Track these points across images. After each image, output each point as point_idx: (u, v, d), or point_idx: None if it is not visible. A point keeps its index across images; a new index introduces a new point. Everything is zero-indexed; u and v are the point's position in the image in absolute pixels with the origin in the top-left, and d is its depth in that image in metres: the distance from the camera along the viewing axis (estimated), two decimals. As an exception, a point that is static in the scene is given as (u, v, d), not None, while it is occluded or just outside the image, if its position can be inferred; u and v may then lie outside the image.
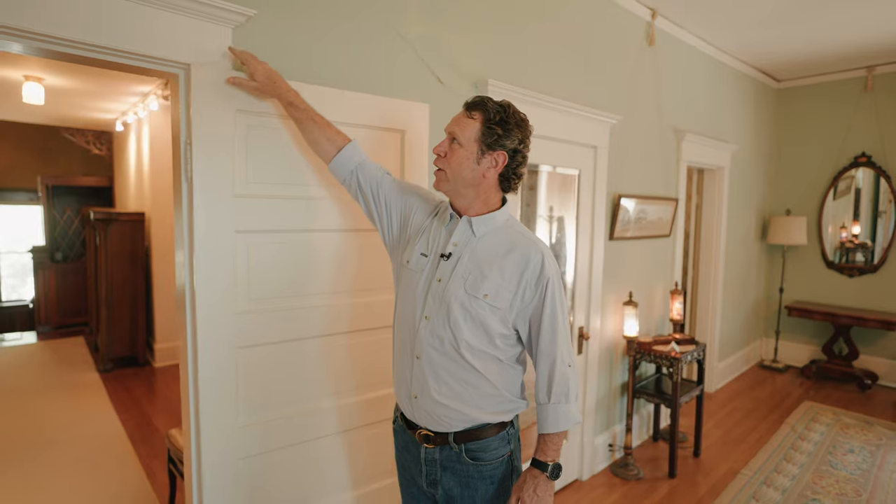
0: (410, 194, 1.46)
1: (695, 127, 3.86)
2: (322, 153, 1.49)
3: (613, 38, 3.02)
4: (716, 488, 2.99)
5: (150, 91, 4.23)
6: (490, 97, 1.30)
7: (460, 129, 1.27)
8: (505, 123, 1.26)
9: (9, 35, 1.21)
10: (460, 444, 1.31)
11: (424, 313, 1.30)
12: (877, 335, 4.73)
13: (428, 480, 1.37)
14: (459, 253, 1.30)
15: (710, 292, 4.39)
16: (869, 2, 3.19)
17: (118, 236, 4.81)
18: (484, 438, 1.31)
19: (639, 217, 3.31)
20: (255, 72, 1.43)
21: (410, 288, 1.35)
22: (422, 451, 1.36)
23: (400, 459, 1.49)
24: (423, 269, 1.33)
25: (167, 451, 2.57)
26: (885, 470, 3.20)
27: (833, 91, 4.90)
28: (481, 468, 1.32)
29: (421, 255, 1.35)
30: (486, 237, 1.31)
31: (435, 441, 1.33)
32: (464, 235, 1.31)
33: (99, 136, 6.49)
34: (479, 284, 1.26)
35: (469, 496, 1.33)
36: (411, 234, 1.41)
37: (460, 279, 1.27)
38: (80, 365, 5.05)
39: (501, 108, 1.27)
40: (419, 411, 1.32)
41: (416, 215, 1.43)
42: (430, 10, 2.04)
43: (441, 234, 1.35)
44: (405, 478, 1.48)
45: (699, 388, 3.35)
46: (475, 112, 1.27)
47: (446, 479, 1.34)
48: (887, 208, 4.77)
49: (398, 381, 1.40)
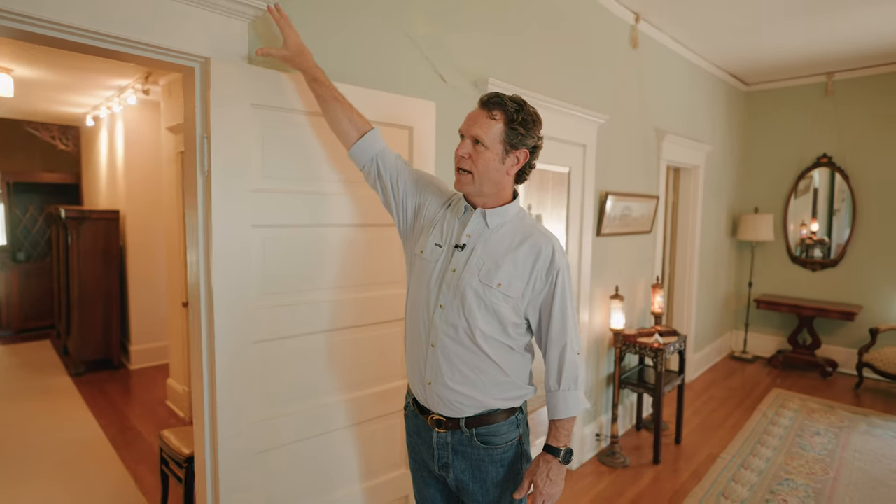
0: (426, 185, 1.49)
1: (674, 128, 4.02)
2: (343, 134, 1.49)
3: (601, 41, 3.12)
4: (698, 472, 3.14)
5: (127, 85, 4.10)
6: (503, 94, 1.31)
7: (483, 131, 1.28)
8: (526, 123, 1.29)
9: (11, 19, 1.17)
10: (471, 428, 1.34)
11: (439, 302, 1.33)
12: (837, 325, 5.03)
13: (440, 464, 1.40)
14: (473, 244, 1.33)
15: (686, 287, 4.57)
16: (830, 14, 3.40)
17: (91, 235, 4.64)
18: (494, 423, 1.35)
19: (623, 214, 3.43)
20: (287, 38, 1.43)
21: (424, 277, 1.37)
22: (434, 436, 1.39)
23: (411, 444, 1.52)
24: (437, 259, 1.36)
25: (159, 453, 2.52)
26: (848, 450, 3.42)
27: (797, 95, 5.18)
28: (492, 452, 1.36)
29: (435, 245, 1.38)
30: (499, 229, 1.34)
31: (447, 426, 1.36)
32: (477, 227, 1.35)
33: (65, 131, 6.23)
34: (493, 274, 1.29)
35: (480, 479, 1.37)
36: (424, 225, 1.44)
37: (474, 269, 1.30)
38: (49, 369, 4.85)
39: (519, 106, 1.29)
40: (432, 397, 1.36)
41: (430, 206, 1.45)
42: (434, 11, 2.07)
43: (455, 225, 1.38)
44: (416, 462, 1.51)
45: (680, 378, 3.50)
46: (496, 112, 1.28)
47: (458, 462, 1.38)
48: (841, 207, 5.08)
49: (412, 368, 1.43)
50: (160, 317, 4.93)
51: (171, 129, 3.58)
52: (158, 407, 4.00)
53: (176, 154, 3.61)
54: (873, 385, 4.67)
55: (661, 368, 3.21)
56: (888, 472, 3.12)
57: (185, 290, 3.61)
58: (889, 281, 4.76)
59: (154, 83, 3.91)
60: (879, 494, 2.88)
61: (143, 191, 4.77)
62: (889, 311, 4.76)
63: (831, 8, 3.30)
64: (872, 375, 4.72)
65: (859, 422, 3.86)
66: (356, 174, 1.71)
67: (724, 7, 3.30)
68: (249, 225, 1.50)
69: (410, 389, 1.49)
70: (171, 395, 3.99)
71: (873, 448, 3.44)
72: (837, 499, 2.83)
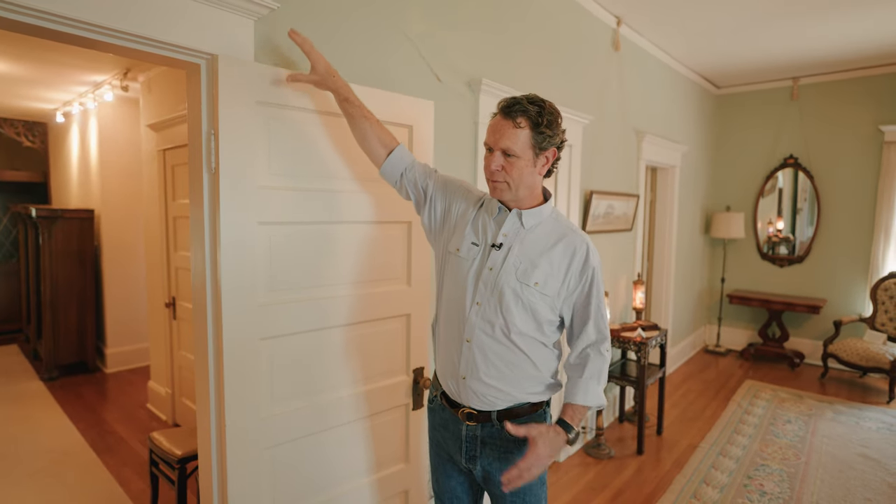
0: (454, 189, 1.52)
1: (653, 128, 4.15)
2: (372, 152, 1.52)
3: (585, 44, 3.21)
4: (679, 461, 3.26)
5: (104, 81, 3.98)
6: (520, 97, 1.31)
7: (512, 142, 1.29)
8: (551, 123, 1.30)
9: (17, 11, 1.15)
10: (502, 421, 1.38)
11: (476, 299, 1.36)
12: (804, 318, 5.28)
13: (467, 456, 1.43)
14: (510, 243, 1.36)
15: (664, 283, 4.72)
16: (797, 22, 3.59)
17: (64, 235, 4.49)
18: (524, 416, 1.40)
19: (607, 212, 3.53)
20: (315, 62, 1.45)
21: (460, 275, 1.40)
22: (463, 429, 1.42)
23: (435, 437, 1.54)
24: (473, 257, 1.39)
25: (149, 455, 2.48)
26: (817, 436, 3.61)
27: (765, 98, 5.41)
28: (521, 444, 1.39)
29: (472, 244, 1.40)
30: (535, 229, 1.38)
31: (478, 419, 1.40)
32: (513, 227, 1.38)
33: (31, 128, 5.99)
34: (530, 273, 1.33)
35: (507, 469, 1.40)
36: (456, 224, 1.47)
37: (512, 268, 1.34)
38: (18, 374, 4.67)
39: (540, 108, 1.29)
40: (466, 391, 1.39)
41: (459, 207, 1.49)
42: (430, 11, 2.10)
43: (490, 224, 1.41)
44: (439, 455, 1.53)
45: (661, 371, 3.62)
46: (520, 119, 1.28)
47: (486, 454, 1.42)
48: (804, 206, 5.34)
49: (443, 363, 1.45)
50: (137, 319, 4.81)
51: (153, 126, 3.50)
52: (139, 410, 3.91)
53: (157, 152, 3.53)
54: (837, 374, 4.92)
55: (645, 362, 3.32)
56: (854, 456, 3.30)
57: (168, 290, 3.54)
58: (851, 275, 5.03)
59: (133, 79, 3.82)
60: (847, 476, 3.05)
61: (120, 190, 4.64)
62: (851, 303, 5.03)
63: (799, 15, 3.47)
64: (836, 366, 4.98)
65: (826, 409, 4.07)
66: (362, 171, 1.73)
67: (700, 13, 3.43)
68: (256, 222, 1.50)
69: (438, 383, 1.51)
70: (153, 398, 3.90)
71: (840, 433, 3.64)
72: (809, 481, 2.99)
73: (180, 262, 3.39)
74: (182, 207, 3.31)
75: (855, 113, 4.93)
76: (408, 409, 1.97)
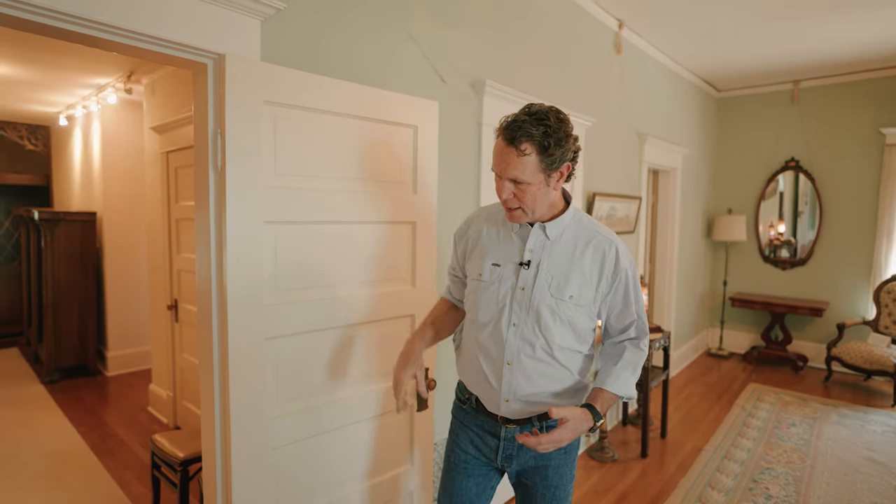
0: (458, 245, 1.54)
1: (654, 131, 4.15)
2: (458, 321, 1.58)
3: (588, 47, 3.22)
4: (684, 465, 3.24)
5: (107, 83, 3.99)
6: (525, 117, 1.21)
7: (519, 171, 1.21)
8: (560, 141, 1.21)
9: (23, 9, 1.15)
10: (542, 421, 1.39)
11: (512, 321, 1.33)
12: (806, 321, 5.26)
13: (504, 455, 1.42)
14: (538, 258, 1.33)
15: (666, 285, 4.71)
16: (797, 25, 3.60)
17: (66, 237, 4.48)
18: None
19: (609, 214, 3.52)
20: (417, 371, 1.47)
21: (489, 298, 1.36)
22: (502, 431, 1.41)
23: (460, 435, 1.50)
24: (498, 278, 1.36)
25: (151, 458, 2.47)
26: (822, 439, 3.59)
27: (765, 101, 5.41)
28: None
29: (493, 265, 1.37)
30: (560, 238, 1.33)
31: (518, 422, 1.39)
32: (538, 241, 1.34)
33: (34, 131, 6.00)
34: (563, 287, 1.30)
35: (543, 466, 1.41)
36: (472, 251, 1.47)
37: (544, 285, 1.30)
38: (19, 378, 4.65)
39: (546, 128, 1.19)
40: (508, 410, 1.37)
41: (470, 245, 1.49)
42: (434, 13, 2.11)
43: (512, 241, 1.37)
44: (461, 456, 1.48)
45: (665, 374, 3.61)
46: (525, 145, 1.19)
47: (523, 452, 1.41)
48: (805, 209, 5.34)
49: (480, 383, 1.41)
50: (139, 321, 4.80)
51: (156, 128, 3.50)
52: (140, 413, 3.89)
53: (160, 154, 3.54)
54: (841, 378, 4.90)
55: (648, 364, 3.31)
56: (860, 459, 3.28)
57: (170, 292, 3.54)
58: (853, 278, 5.02)
59: (136, 82, 3.82)
60: (853, 480, 3.03)
61: (122, 192, 4.64)
62: (854, 306, 5.01)
63: (798, 18, 3.48)
64: (840, 369, 4.96)
65: (830, 412, 4.05)
66: (368, 171, 1.73)
67: (700, 16, 3.44)
68: (262, 221, 1.50)
69: (466, 388, 1.49)
70: (154, 401, 3.89)
71: (845, 437, 3.62)
72: (815, 485, 2.97)
73: (183, 264, 3.38)
74: (185, 209, 3.31)
75: (856, 116, 4.93)
76: (412, 411, 1.96)
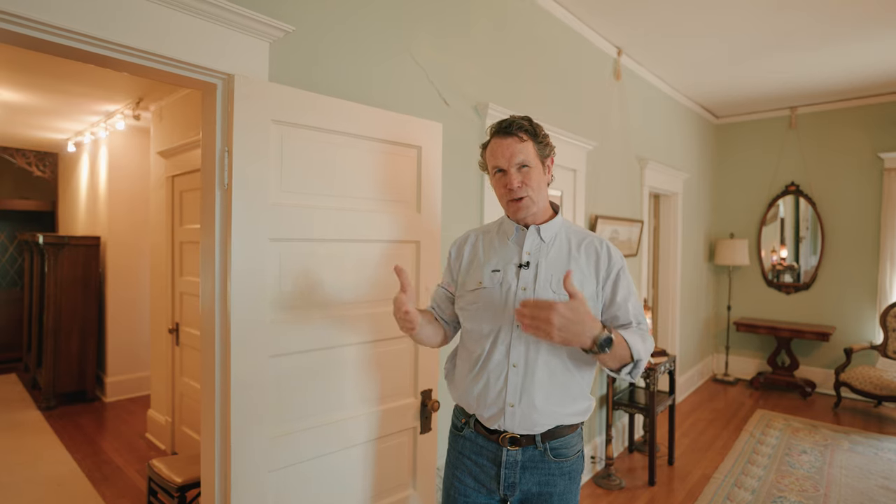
0: (451, 269, 1.55)
1: (655, 155, 4.20)
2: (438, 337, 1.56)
3: (588, 72, 3.29)
4: (693, 493, 3.15)
5: (116, 110, 4.07)
6: (512, 117, 1.39)
7: (525, 154, 1.35)
8: (543, 134, 1.40)
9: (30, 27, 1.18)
10: (546, 442, 1.36)
11: (516, 322, 1.32)
12: (813, 346, 5.20)
13: (506, 484, 1.37)
14: (536, 260, 1.37)
15: (670, 310, 4.68)
16: (791, 53, 3.69)
17: (70, 262, 4.50)
18: (565, 436, 1.38)
19: (612, 237, 3.53)
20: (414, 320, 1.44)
21: (493, 302, 1.37)
22: (504, 455, 1.37)
23: (462, 464, 1.45)
24: (499, 282, 1.38)
25: (148, 483, 2.41)
26: (835, 467, 3.50)
27: (763, 127, 5.49)
28: (562, 465, 1.37)
29: (493, 271, 1.40)
30: (554, 241, 1.40)
31: (521, 443, 1.36)
32: (534, 244, 1.39)
33: (42, 158, 6.10)
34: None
35: (547, 493, 1.37)
36: (467, 271, 1.47)
37: (545, 282, 1.34)
38: (16, 403, 4.59)
39: (530, 121, 1.38)
40: (512, 418, 1.33)
41: (463, 266, 1.50)
42: (438, 37, 2.17)
43: (508, 247, 1.41)
44: (464, 482, 1.44)
45: (671, 398, 3.55)
46: (522, 134, 1.36)
47: (526, 479, 1.37)
48: (806, 234, 5.35)
49: (482, 394, 1.37)
50: (139, 347, 4.77)
51: (163, 153, 3.56)
52: (138, 440, 3.82)
53: (166, 178, 3.58)
54: (851, 404, 4.81)
55: (654, 388, 3.25)
56: (875, 488, 3.19)
57: (172, 315, 3.52)
58: (858, 302, 4.98)
59: (145, 108, 3.90)
60: (869, 508, 2.94)
61: (127, 217, 4.68)
62: (861, 330, 4.96)
63: (793, 47, 3.57)
64: (849, 395, 4.87)
65: (842, 440, 3.96)
66: (372, 190, 1.75)
67: (696, 45, 3.53)
68: (267, 238, 1.51)
69: (464, 412, 1.46)
70: (152, 428, 3.83)
71: (858, 464, 3.53)
72: (830, 514, 2.88)
73: (185, 287, 3.38)
74: (188, 233, 3.33)
75: (854, 140, 4.99)
76: (416, 433, 1.93)
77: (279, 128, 1.54)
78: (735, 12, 3.06)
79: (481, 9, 2.41)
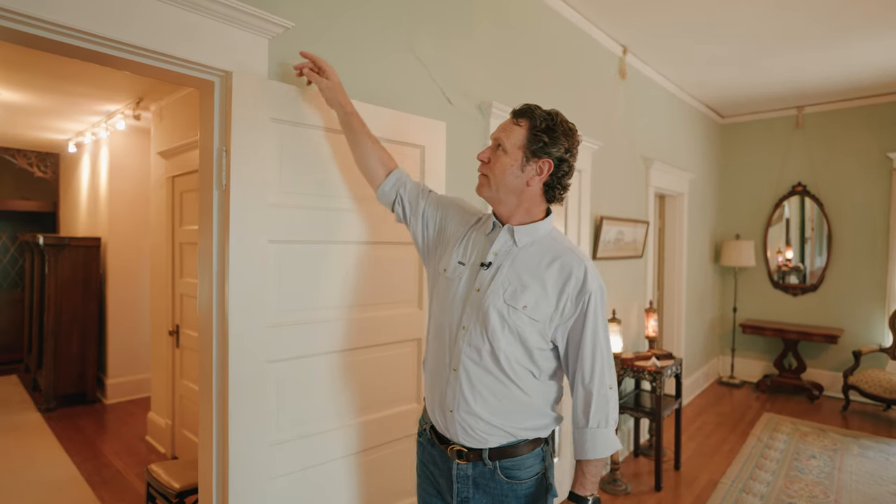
0: (448, 205, 1.46)
1: (660, 155, 4.15)
2: (371, 171, 1.49)
3: (593, 71, 3.24)
4: (700, 498, 3.10)
5: (116, 110, 4.04)
6: (539, 106, 1.27)
7: (506, 135, 1.25)
8: (551, 131, 1.23)
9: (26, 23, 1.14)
10: (495, 461, 1.25)
11: (462, 323, 1.25)
12: (821, 349, 5.13)
13: (459, 498, 1.29)
14: (500, 262, 1.26)
15: (675, 311, 4.62)
16: (797, 52, 3.63)
17: (70, 263, 4.47)
18: (519, 456, 1.26)
19: (617, 238, 3.48)
20: (329, 73, 1.47)
21: (448, 297, 1.30)
22: (454, 467, 1.29)
23: (424, 473, 1.41)
24: (460, 276, 1.29)
25: (146, 489, 2.37)
26: (844, 472, 3.43)
27: (769, 127, 5.43)
28: (516, 487, 1.26)
29: (458, 263, 1.31)
30: (528, 248, 1.27)
31: (468, 457, 1.26)
32: (504, 245, 1.28)
33: (43, 158, 6.08)
34: (519, 296, 1.22)
35: None
36: (449, 241, 1.39)
37: (499, 288, 1.23)
38: (15, 405, 4.56)
39: (549, 116, 1.25)
40: (453, 426, 1.26)
41: (451, 224, 1.41)
42: (441, 35, 2.13)
43: (481, 242, 1.32)
44: (428, 492, 1.40)
45: (677, 402, 3.50)
46: (521, 119, 1.25)
47: (478, 497, 1.28)
48: (812, 235, 5.28)
49: (432, 394, 1.34)
50: (139, 349, 4.74)
51: (163, 153, 3.52)
52: (138, 443, 3.79)
53: (166, 179, 3.55)
54: (860, 407, 4.74)
55: (661, 392, 3.20)
56: (886, 494, 3.13)
57: (172, 317, 3.49)
58: (867, 304, 4.92)
59: (145, 108, 3.87)
60: (880, 515, 2.88)
61: (127, 217, 4.65)
62: (870, 333, 4.90)
63: (800, 46, 3.51)
64: (858, 398, 4.80)
65: (851, 444, 3.89)
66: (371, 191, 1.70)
67: (701, 44, 3.48)
68: (266, 240, 1.47)
69: (427, 416, 1.39)
70: (152, 430, 3.79)
71: (868, 470, 3.47)
72: (841, 521, 2.82)
73: (185, 288, 3.35)
74: (188, 233, 3.30)
75: (862, 140, 4.93)
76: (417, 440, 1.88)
77: (278, 126, 1.50)
78: (742, 11, 3.01)
79: (486, 6, 2.37)
